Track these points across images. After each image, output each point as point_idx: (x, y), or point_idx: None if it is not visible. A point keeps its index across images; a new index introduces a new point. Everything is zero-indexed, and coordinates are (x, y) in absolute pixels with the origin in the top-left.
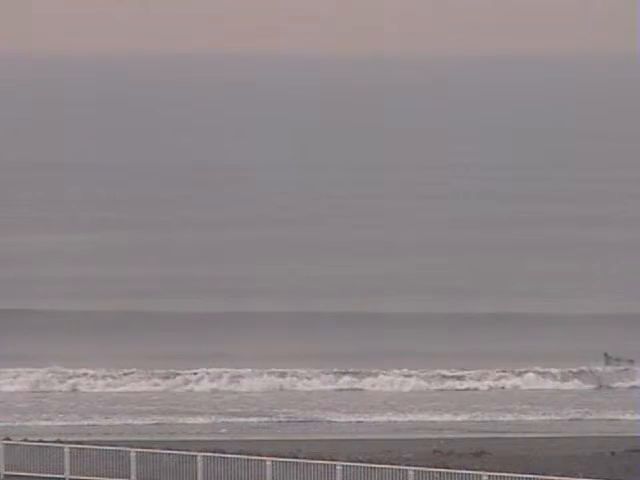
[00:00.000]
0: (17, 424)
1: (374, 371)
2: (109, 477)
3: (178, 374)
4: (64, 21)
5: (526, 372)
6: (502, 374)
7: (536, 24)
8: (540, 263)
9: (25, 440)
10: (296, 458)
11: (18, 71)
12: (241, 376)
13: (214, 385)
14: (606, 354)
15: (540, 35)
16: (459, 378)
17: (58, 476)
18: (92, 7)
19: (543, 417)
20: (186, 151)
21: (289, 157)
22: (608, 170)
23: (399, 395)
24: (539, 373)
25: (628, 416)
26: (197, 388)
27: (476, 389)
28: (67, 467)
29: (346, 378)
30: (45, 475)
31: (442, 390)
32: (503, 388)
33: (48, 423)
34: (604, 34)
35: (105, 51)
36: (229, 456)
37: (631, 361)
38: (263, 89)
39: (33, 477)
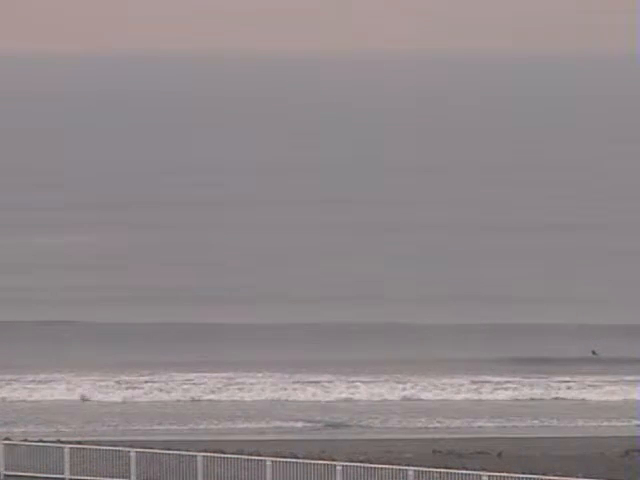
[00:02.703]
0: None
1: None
2: (109, 477)
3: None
4: (64, 21)
5: None
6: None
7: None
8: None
9: (25, 440)
10: (296, 458)
11: (16, 70)
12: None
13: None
14: (594, 351)
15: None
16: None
17: (58, 476)
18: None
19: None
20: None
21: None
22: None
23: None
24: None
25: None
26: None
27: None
28: (67, 467)
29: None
30: (45, 475)
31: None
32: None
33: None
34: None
35: (105, 51)
36: (229, 456)
37: (620, 356)
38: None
39: (33, 477)
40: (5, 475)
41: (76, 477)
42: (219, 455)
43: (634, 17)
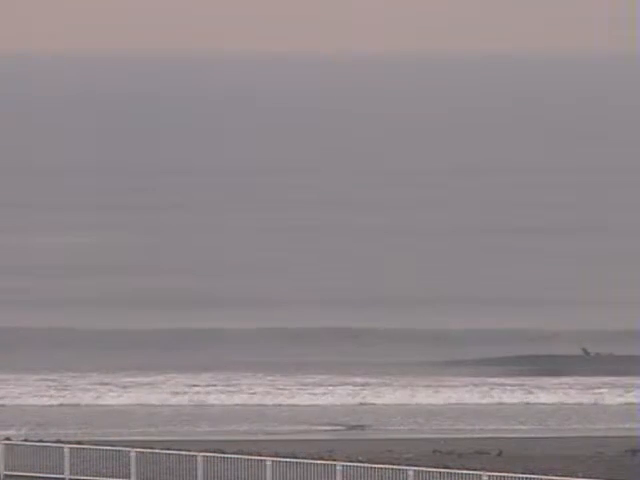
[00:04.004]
0: None
1: None
2: (109, 477)
3: None
4: (64, 21)
5: None
6: None
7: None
8: None
9: (25, 440)
10: (296, 458)
11: (17, 70)
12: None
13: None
14: (584, 349)
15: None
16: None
17: (58, 476)
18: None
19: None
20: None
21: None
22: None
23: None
24: None
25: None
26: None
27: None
28: (67, 467)
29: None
30: (45, 475)
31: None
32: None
33: None
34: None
35: (105, 51)
36: (229, 456)
37: (611, 354)
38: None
39: (33, 477)
40: (5, 475)
41: (76, 477)
42: (219, 455)
43: (634, 16)
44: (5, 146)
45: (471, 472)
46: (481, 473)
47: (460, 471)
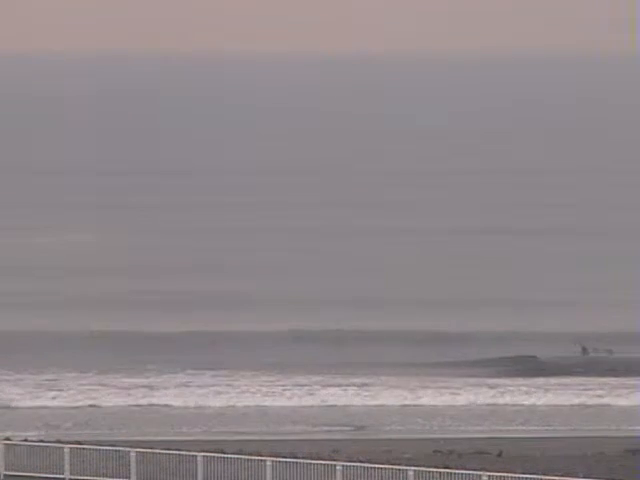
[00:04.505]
0: None
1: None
2: (109, 477)
3: None
4: (64, 21)
5: None
6: None
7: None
8: None
9: (25, 440)
10: (296, 458)
11: (17, 71)
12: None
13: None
14: (584, 348)
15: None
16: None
17: (58, 476)
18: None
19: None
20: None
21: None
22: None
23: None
24: None
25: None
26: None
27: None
28: (67, 467)
29: None
30: (45, 475)
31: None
32: None
33: None
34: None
35: (105, 51)
36: (229, 456)
37: (609, 351)
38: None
39: (33, 477)
40: (5, 475)
41: (76, 477)
42: (219, 455)
43: (635, 17)
44: (5, 146)
45: (471, 472)
46: (481, 473)
47: (460, 471)
